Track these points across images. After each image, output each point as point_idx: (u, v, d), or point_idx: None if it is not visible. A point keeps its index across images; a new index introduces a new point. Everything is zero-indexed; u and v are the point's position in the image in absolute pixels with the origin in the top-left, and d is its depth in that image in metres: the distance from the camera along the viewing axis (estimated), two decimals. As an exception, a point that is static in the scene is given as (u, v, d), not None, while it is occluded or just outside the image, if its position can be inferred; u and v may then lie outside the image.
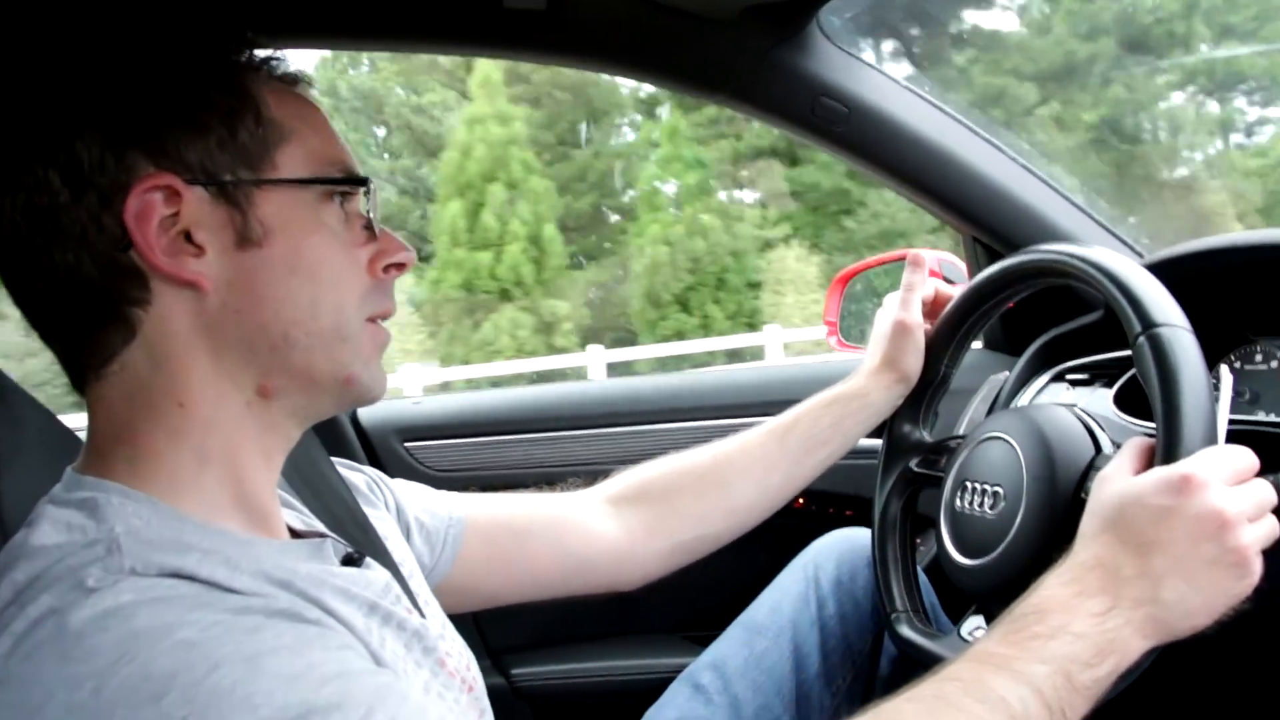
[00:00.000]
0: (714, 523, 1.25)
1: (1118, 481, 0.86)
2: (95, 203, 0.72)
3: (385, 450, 1.80)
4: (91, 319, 0.74)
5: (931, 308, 1.28)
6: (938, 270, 1.49)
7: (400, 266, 0.84)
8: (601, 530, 1.20)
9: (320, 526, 0.92)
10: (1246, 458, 0.84)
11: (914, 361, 1.24)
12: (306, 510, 0.94)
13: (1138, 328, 0.89)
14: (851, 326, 1.76)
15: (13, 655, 0.61)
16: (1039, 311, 1.51)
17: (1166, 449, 0.84)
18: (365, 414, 1.84)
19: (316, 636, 0.66)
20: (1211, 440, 0.84)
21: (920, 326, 1.24)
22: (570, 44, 1.34)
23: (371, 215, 0.82)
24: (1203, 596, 0.80)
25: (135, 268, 0.72)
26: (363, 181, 0.81)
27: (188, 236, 0.73)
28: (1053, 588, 0.81)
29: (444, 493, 1.17)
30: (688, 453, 1.27)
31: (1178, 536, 0.80)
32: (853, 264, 1.79)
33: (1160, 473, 0.82)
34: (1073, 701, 0.76)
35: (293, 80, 0.82)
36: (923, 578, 1.25)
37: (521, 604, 1.19)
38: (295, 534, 0.86)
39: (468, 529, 1.13)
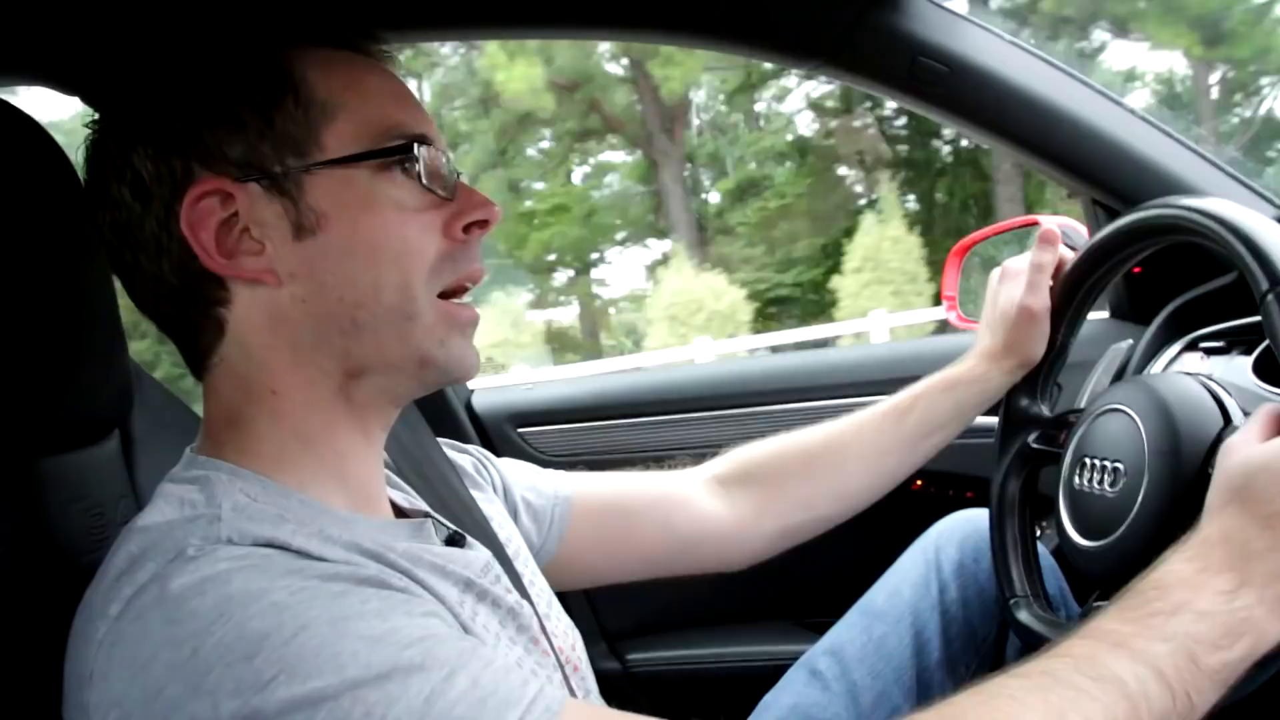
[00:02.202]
0: (824, 506, 1.23)
1: (1245, 449, 0.79)
2: (162, 213, 0.75)
3: (498, 435, 1.84)
4: (186, 319, 0.79)
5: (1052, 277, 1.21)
6: (1060, 237, 1.42)
7: (482, 224, 0.82)
8: (708, 510, 1.19)
9: (425, 507, 0.94)
10: None
11: (1039, 348, 1.18)
12: (413, 492, 0.96)
13: (1264, 284, 0.82)
14: (971, 301, 1.69)
15: (123, 617, 0.65)
16: (1170, 275, 1.42)
17: None
18: (479, 399, 1.88)
19: (402, 602, 0.68)
20: None
21: (1048, 311, 1.17)
22: (654, 17, 1.32)
23: (437, 174, 0.79)
24: None
25: (207, 271, 0.75)
26: (418, 143, 0.78)
27: (250, 233, 0.75)
28: (1175, 563, 0.75)
29: (551, 471, 1.18)
30: (798, 433, 1.25)
31: None
32: (973, 232, 1.72)
33: None
34: (1199, 685, 0.69)
35: (345, 44, 0.81)
36: (1050, 561, 1.19)
37: (635, 587, 1.20)
38: (400, 513, 0.89)
39: (574, 507, 1.14)
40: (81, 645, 0.67)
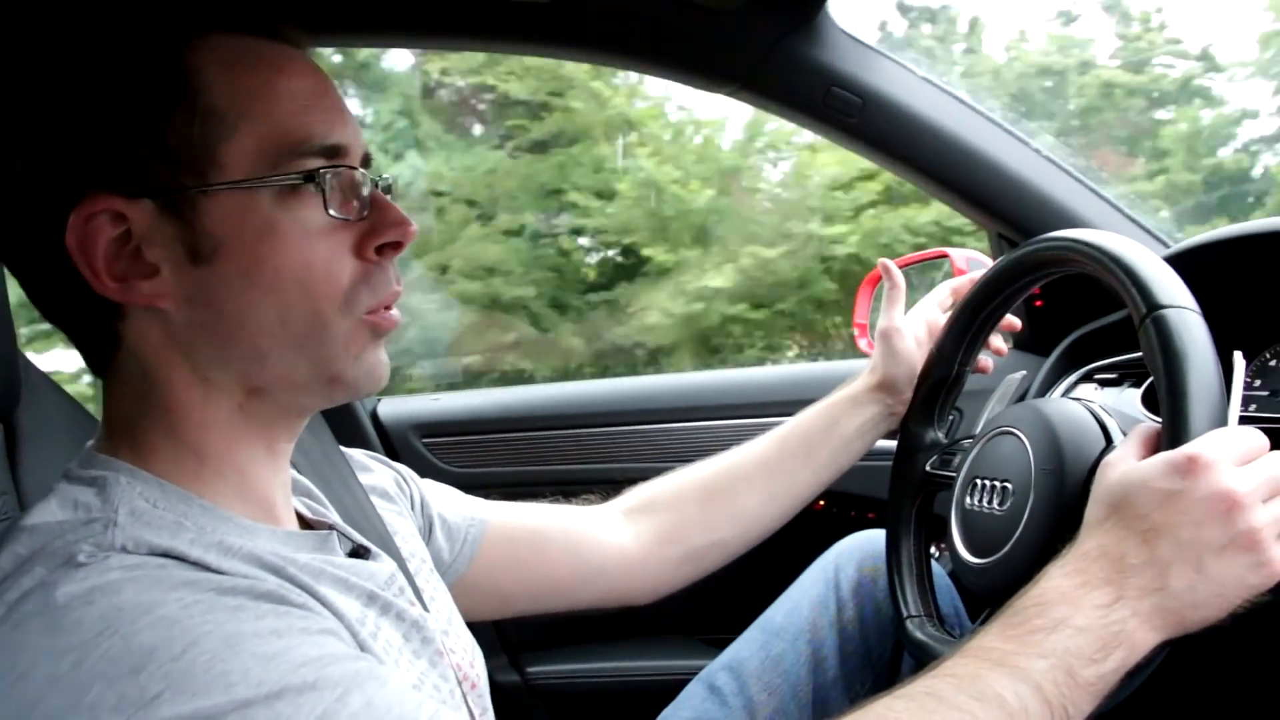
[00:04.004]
0: (722, 529, 1.24)
1: (1122, 466, 0.81)
2: (48, 229, 0.69)
3: (403, 446, 1.82)
4: (83, 330, 0.75)
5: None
6: (964, 268, 1.46)
7: (396, 246, 0.76)
8: (615, 540, 1.21)
9: (333, 517, 0.91)
10: (1257, 438, 0.79)
11: (894, 367, 1.25)
12: (321, 500, 0.94)
13: (1143, 309, 0.85)
14: None
15: (3, 624, 0.62)
16: (1070, 308, 1.47)
17: (1172, 431, 0.80)
18: (384, 410, 1.86)
19: (299, 619, 0.66)
20: (1219, 423, 0.79)
21: (898, 332, 1.25)
22: (577, 37, 1.34)
23: (349, 192, 0.74)
24: (1214, 585, 0.74)
25: (97, 293, 0.71)
26: (329, 157, 0.72)
27: (142, 254, 0.70)
28: (1055, 579, 0.77)
29: (469, 496, 1.18)
30: (696, 464, 1.27)
31: (1185, 521, 0.75)
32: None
33: (1166, 455, 0.78)
34: (1076, 698, 0.71)
35: (259, 31, 0.73)
36: (946, 582, 1.22)
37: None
38: (305, 524, 0.87)
39: (489, 530, 1.14)
40: None
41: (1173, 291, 0.85)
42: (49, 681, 0.58)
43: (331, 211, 0.72)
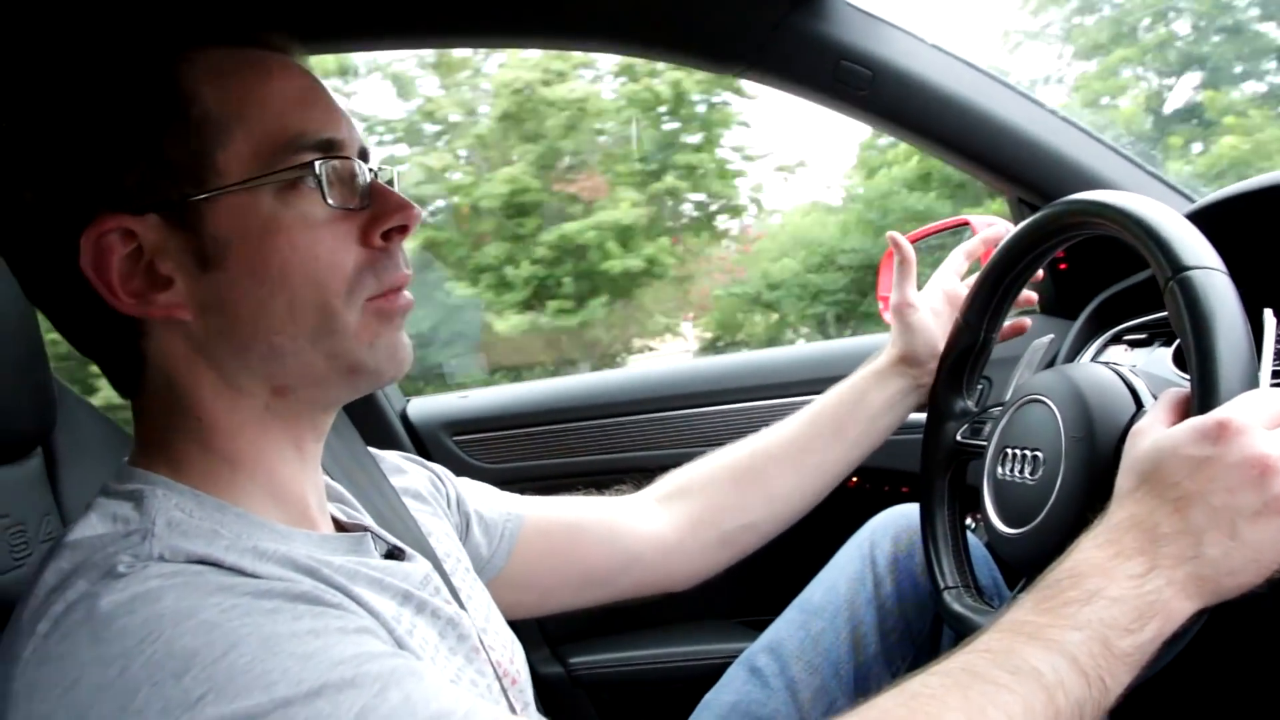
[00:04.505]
0: (755, 510, 1.24)
1: (1152, 434, 0.80)
2: (62, 255, 0.71)
3: (434, 445, 1.83)
4: (107, 354, 0.77)
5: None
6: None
7: (401, 230, 0.78)
8: (649, 527, 1.21)
9: (366, 520, 0.93)
10: None
11: (913, 340, 1.26)
12: (354, 504, 0.95)
13: (1168, 272, 0.83)
14: None
15: (50, 636, 0.63)
16: (1096, 270, 1.45)
17: (1202, 396, 0.78)
18: (413, 410, 1.87)
19: (335, 618, 0.67)
20: (1250, 385, 0.78)
21: (911, 306, 1.27)
22: (577, 26, 1.33)
23: (348, 183, 0.75)
24: (1249, 551, 0.73)
25: (117, 312, 0.72)
26: (322, 151, 0.74)
27: (155, 268, 0.72)
28: (1087, 550, 0.76)
29: (504, 493, 1.19)
30: (727, 447, 1.28)
31: (1217, 487, 0.74)
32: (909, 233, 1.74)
33: (1195, 421, 0.77)
34: (1113, 669, 0.71)
35: (244, 41, 0.75)
36: (982, 552, 1.21)
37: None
38: (340, 527, 0.88)
39: (525, 524, 1.15)
40: (7, 663, 0.65)
41: (1197, 251, 0.83)
42: (98, 690, 0.60)
43: (330, 201, 0.74)
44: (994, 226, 1.34)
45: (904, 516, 1.27)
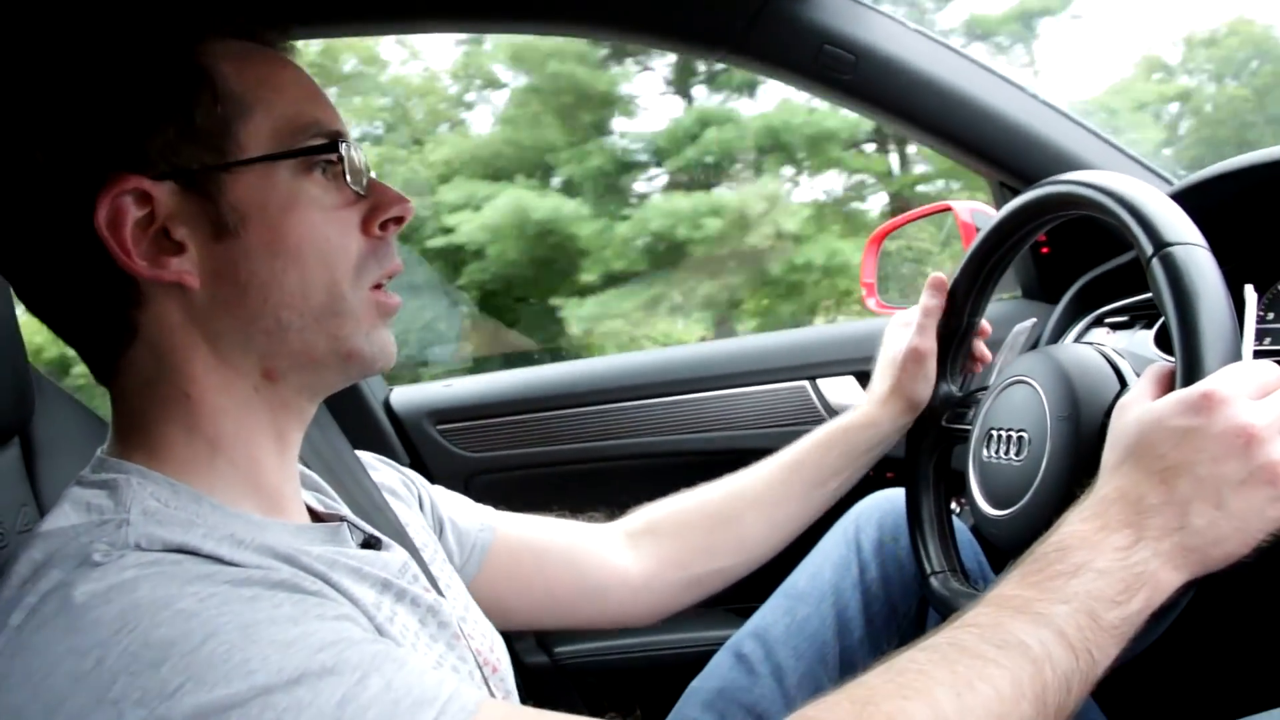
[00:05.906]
0: (726, 556, 1.23)
1: (1137, 408, 0.80)
2: (72, 214, 0.71)
3: (418, 434, 1.82)
4: (93, 324, 0.76)
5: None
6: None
7: (398, 221, 0.81)
8: (617, 561, 1.20)
9: (343, 510, 0.93)
10: (1272, 371, 0.77)
11: (924, 389, 1.21)
12: (330, 494, 0.95)
13: (1149, 249, 0.84)
14: (890, 287, 1.71)
15: (24, 627, 0.62)
16: (1077, 253, 1.46)
17: (1186, 370, 0.78)
18: (397, 398, 1.86)
19: (315, 605, 0.67)
20: (1233, 358, 0.78)
21: (934, 353, 1.21)
22: (563, 10, 1.32)
23: (356, 171, 0.79)
24: (1235, 520, 0.73)
25: (121, 274, 0.73)
26: (336, 139, 0.77)
27: (168, 234, 0.73)
28: (1074, 524, 0.76)
29: (478, 504, 1.19)
30: (702, 488, 1.26)
31: (1202, 458, 0.74)
32: (889, 220, 1.74)
33: (1180, 393, 0.77)
34: (1100, 642, 0.71)
35: (255, 37, 0.79)
36: (968, 536, 1.22)
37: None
38: (316, 517, 0.88)
39: (496, 538, 1.14)
40: None
41: (1179, 228, 0.84)
42: (73, 680, 0.59)
43: (350, 185, 0.78)
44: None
45: (888, 501, 1.26)
